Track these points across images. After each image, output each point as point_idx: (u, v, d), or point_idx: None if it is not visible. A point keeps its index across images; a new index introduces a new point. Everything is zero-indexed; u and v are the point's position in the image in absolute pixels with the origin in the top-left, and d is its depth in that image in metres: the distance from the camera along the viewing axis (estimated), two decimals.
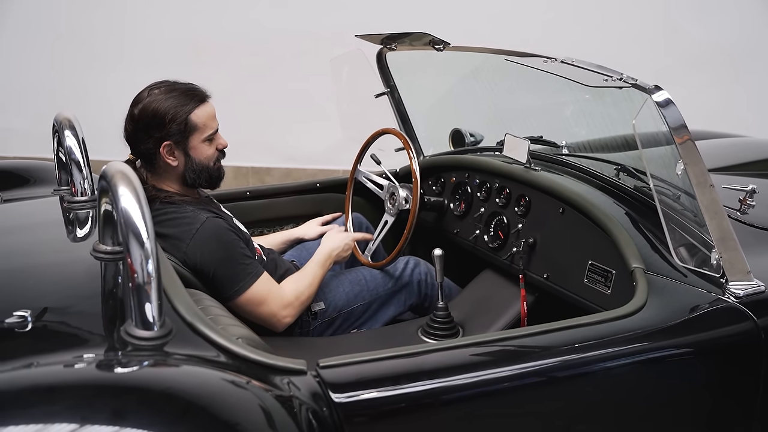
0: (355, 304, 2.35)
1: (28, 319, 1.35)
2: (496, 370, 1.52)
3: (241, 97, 4.94)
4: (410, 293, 2.45)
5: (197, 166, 2.11)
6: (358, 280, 2.40)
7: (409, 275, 2.45)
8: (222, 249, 2.04)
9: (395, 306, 2.42)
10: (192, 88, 2.10)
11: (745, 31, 4.74)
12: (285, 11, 4.86)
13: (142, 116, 2.05)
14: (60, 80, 4.98)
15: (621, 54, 4.56)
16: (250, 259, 2.11)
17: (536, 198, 2.28)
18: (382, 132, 2.64)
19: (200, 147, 2.10)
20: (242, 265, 2.07)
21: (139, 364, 1.27)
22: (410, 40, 2.62)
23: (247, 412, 1.24)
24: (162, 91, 2.06)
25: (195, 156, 2.10)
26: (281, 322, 2.13)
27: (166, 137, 2.05)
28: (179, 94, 2.06)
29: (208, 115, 2.10)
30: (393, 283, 2.42)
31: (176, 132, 2.05)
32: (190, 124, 2.06)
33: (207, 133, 2.10)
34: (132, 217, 1.30)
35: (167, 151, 2.07)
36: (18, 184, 2.45)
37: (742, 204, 2.18)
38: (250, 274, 2.07)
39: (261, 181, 5.14)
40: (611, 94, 2.07)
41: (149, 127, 2.05)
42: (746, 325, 1.70)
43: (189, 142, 2.08)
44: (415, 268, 2.47)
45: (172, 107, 2.04)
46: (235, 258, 2.06)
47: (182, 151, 2.09)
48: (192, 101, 2.07)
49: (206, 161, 2.12)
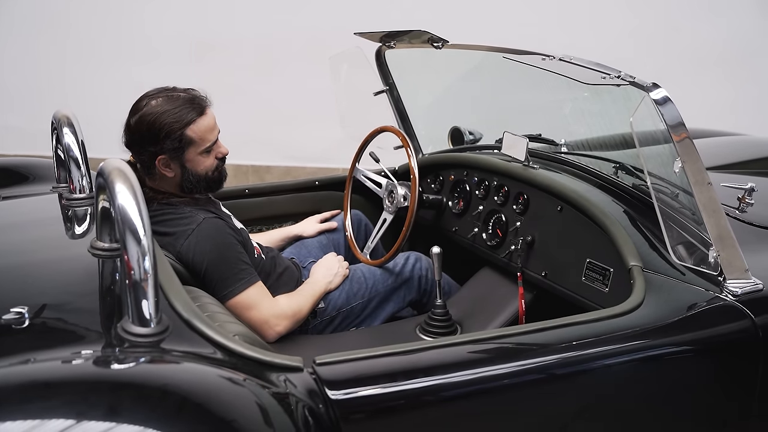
0: (354, 302, 2.35)
1: (25, 315, 1.36)
2: (492, 368, 1.52)
3: (242, 95, 4.94)
4: (410, 289, 2.44)
5: (194, 177, 2.08)
6: (357, 278, 2.39)
7: (410, 271, 2.44)
8: (216, 250, 2.03)
9: (394, 302, 2.42)
10: (191, 98, 2.05)
11: (746, 29, 4.73)
12: (288, 10, 4.85)
13: (137, 128, 2.02)
14: (62, 78, 4.98)
15: (623, 52, 4.55)
16: (245, 264, 2.08)
17: (534, 196, 2.28)
18: (381, 130, 2.63)
19: (197, 159, 2.07)
20: (235, 269, 2.05)
21: (135, 361, 1.27)
22: (409, 38, 2.62)
23: (243, 408, 1.24)
24: (159, 102, 2.02)
25: (192, 168, 2.07)
26: (273, 330, 2.10)
27: (160, 152, 2.02)
28: (176, 105, 2.01)
29: (206, 128, 2.05)
30: (392, 280, 2.42)
31: (171, 148, 2.01)
32: (185, 139, 2.02)
33: (204, 146, 2.06)
34: (129, 214, 1.30)
35: (163, 164, 2.05)
36: (17, 181, 2.45)
37: (741, 202, 2.19)
38: (243, 280, 2.05)
39: (261, 179, 5.13)
40: (610, 91, 2.07)
41: (144, 140, 2.02)
42: (744, 324, 1.70)
43: (185, 156, 2.05)
44: (415, 263, 2.46)
45: (168, 123, 1.98)
46: (229, 261, 2.05)
47: (178, 164, 2.06)
48: (190, 113, 2.01)
49: (203, 171, 2.09)
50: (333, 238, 2.66)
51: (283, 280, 2.30)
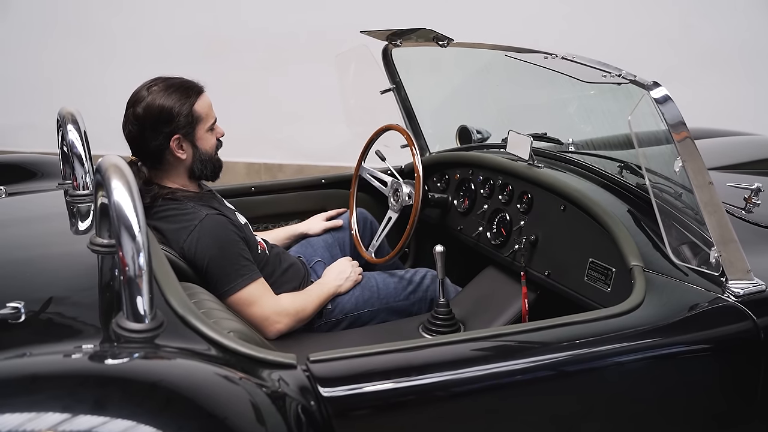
0: (363, 310, 2.33)
1: (21, 310, 1.37)
2: (488, 366, 1.51)
3: (255, 93, 4.95)
4: (421, 308, 2.42)
5: (204, 156, 2.14)
6: (369, 286, 2.38)
7: (424, 291, 2.42)
8: (218, 246, 2.04)
9: (403, 317, 2.39)
10: (187, 82, 2.13)
11: (758, 28, 4.68)
12: (300, 9, 4.86)
13: (148, 114, 2.05)
14: (75, 76, 5.02)
15: (633, 52, 4.52)
16: (247, 260, 2.10)
17: (538, 195, 2.27)
18: (386, 128, 2.63)
19: (205, 137, 2.14)
20: (237, 265, 2.06)
21: (128, 356, 1.28)
22: (416, 37, 2.61)
23: (235, 405, 1.24)
24: (161, 88, 2.08)
25: (201, 147, 2.13)
26: (274, 327, 2.12)
27: (175, 131, 2.07)
28: (177, 88, 2.09)
29: (208, 105, 2.15)
30: (405, 296, 2.40)
31: (184, 124, 2.07)
32: (195, 114, 2.09)
33: (209, 122, 2.14)
34: (124, 210, 1.31)
35: (177, 144, 2.09)
36: (24, 177, 2.48)
37: (748, 202, 2.16)
38: (244, 276, 2.06)
39: (273, 177, 5.15)
40: (615, 90, 2.05)
41: (158, 123, 2.06)
42: (745, 325, 1.68)
43: (196, 133, 2.11)
44: (431, 284, 2.43)
45: (177, 101, 2.07)
46: (231, 257, 2.06)
47: (190, 143, 2.11)
48: (192, 93, 2.10)
49: (210, 151, 2.16)
50: (338, 237, 2.66)
51: (288, 276, 2.30)
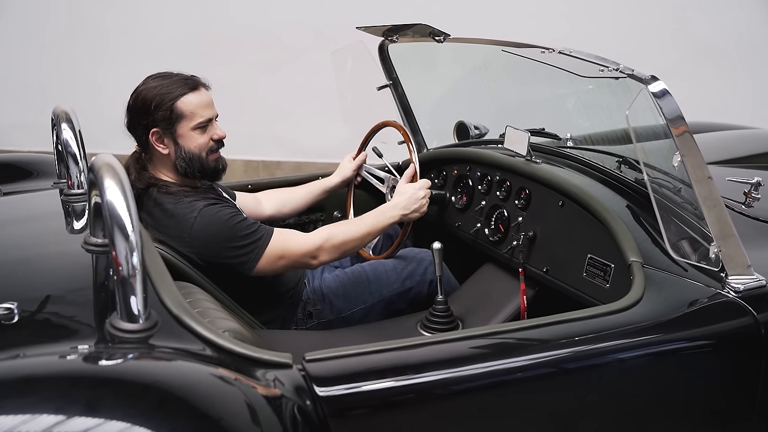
0: (356, 308, 2.28)
1: (14, 311, 1.35)
2: (487, 364, 1.50)
3: (252, 90, 4.94)
4: (420, 291, 2.35)
5: (187, 155, 2.07)
6: (360, 280, 2.31)
7: (422, 273, 2.35)
8: (224, 229, 2.00)
9: (403, 304, 2.34)
10: (186, 77, 2.09)
11: (754, 23, 4.67)
12: (295, 5, 4.84)
13: (134, 104, 2.07)
14: (70, 74, 5.01)
15: (633, 47, 4.51)
16: (254, 224, 2.05)
17: (536, 191, 2.25)
18: (383, 125, 2.62)
19: (189, 135, 2.07)
20: (248, 234, 2.02)
21: (121, 357, 1.26)
22: (412, 32, 2.60)
23: (230, 405, 1.23)
24: (156, 81, 2.07)
25: (184, 144, 2.07)
26: (311, 263, 2.10)
27: (153, 124, 2.05)
28: (171, 82, 2.06)
29: (198, 103, 2.07)
30: (400, 283, 2.33)
31: (162, 119, 2.04)
32: (176, 111, 2.04)
33: (196, 121, 2.06)
34: (117, 209, 1.29)
35: (156, 138, 2.07)
36: (20, 177, 2.46)
37: (747, 197, 2.15)
38: (260, 239, 2.03)
39: (271, 175, 5.13)
40: (612, 85, 2.03)
41: (138, 114, 2.06)
42: (746, 320, 1.67)
43: (177, 130, 2.06)
44: (430, 265, 2.36)
45: (160, 95, 2.04)
46: (239, 231, 2.02)
47: (171, 138, 2.07)
48: (182, 88, 2.05)
49: (196, 150, 2.08)
50: None
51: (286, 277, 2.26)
